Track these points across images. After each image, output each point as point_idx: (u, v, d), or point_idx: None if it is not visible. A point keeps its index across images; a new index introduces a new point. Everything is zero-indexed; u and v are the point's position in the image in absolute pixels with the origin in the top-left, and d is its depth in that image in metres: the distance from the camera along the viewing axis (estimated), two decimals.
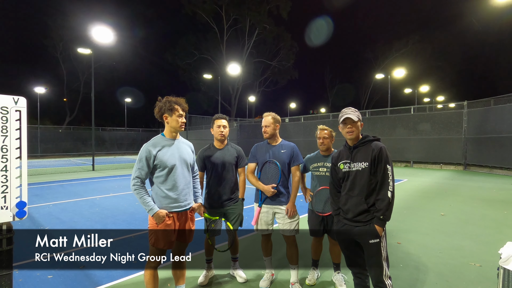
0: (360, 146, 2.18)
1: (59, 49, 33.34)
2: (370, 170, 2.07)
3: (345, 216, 2.16)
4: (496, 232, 4.49)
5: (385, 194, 2.01)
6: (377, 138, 2.18)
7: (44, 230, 4.95)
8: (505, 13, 28.09)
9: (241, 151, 3.07)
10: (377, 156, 2.06)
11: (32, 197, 7.65)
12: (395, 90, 36.00)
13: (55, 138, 28.46)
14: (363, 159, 2.11)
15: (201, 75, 31.93)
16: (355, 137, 2.19)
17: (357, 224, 2.09)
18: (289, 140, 2.98)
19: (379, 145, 2.11)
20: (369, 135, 2.21)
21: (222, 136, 2.92)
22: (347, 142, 2.26)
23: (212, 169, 2.90)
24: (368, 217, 2.06)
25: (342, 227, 2.19)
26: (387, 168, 2.03)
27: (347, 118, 2.16)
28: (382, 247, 2.04)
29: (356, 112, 2.20)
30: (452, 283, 2.92)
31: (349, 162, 2.18)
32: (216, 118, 2.94)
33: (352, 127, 2.16)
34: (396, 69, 28.65)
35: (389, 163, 2.06)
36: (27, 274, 3.18)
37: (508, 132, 11.28)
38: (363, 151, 2.14)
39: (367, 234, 2.04)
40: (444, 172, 12.90)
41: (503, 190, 8.11)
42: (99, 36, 14.80)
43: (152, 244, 2.26)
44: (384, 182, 2.03)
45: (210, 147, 2.99)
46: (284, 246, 3.78)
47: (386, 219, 2.02)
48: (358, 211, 2.08)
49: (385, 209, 2.00)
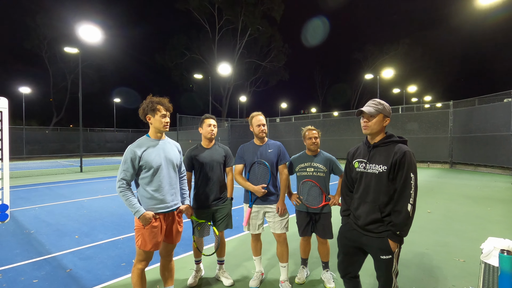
0: (381, 146, 1.88)
1: (43, 48, 32.55)
2: (388, 176, 1.79)
3: (356, 221, 1.93)
4: (479, 228, 4.63)
5: (404, 207, 1.72)
6: (404, 140, 1.88)
7: (30, 233, 4.86)
8: (489, 15, 28.95)
9: (228, 150, 3.08)
10: (399, 161, 1.76)
11: (17, 200, 7.45)
12: (384, 90, 36.61)
13: (42, 139, 27.77)
14: (382, 161, 1.83)
15: (192, 75, 31.70)
16: (373, 133, 1.89)
17: (368, 233, 1.86)
18: (280, 140, 3.01)
19: (404, 148, 1.79)
20: (395, 135, 1.91)
21: (212, 135, 2.93)
22: (367, 138, 1.97)
23: (200, 168, 2.89)
24: (380, 228, 1.81)
25: (350, 231, 1.98)
26: (409, 176, 1.73)
27: (361, 110, 1.90)
28: (394, 262, 1.81)
29: (379, 105, 1.88)
30: (437, 278, 3.00)
31: (365, 162, 1.91)
32: (206, 118, 2.96)
33: (368, 121, 1.88)
34: (385, 69, 29.12)
35: (413, 171, 1.75)
36: (11, 278, 3.10)
37: (491, 131, 11.62)
38: (383, 153, 1.85)
39: (379, 250, 1.82)
40: (431, 170, 13.19)
41: (487, 188, 8.36)
42: (86, 35, 14.50)
43: (138, 246, 2.24)
44: (405, 192, 1.73)
45: (197, 147, 2.99)
46: (273, 245, 3.81)
47: (404, 235, 1.76)
48: (370, 220, 1.84)
49: (403, 224, 1.73)
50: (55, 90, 35.41)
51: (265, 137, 2.93)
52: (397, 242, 1.78)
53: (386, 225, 1.81)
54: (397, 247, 1.80)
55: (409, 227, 1.77)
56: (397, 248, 1.81)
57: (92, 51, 29.15)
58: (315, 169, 2.89)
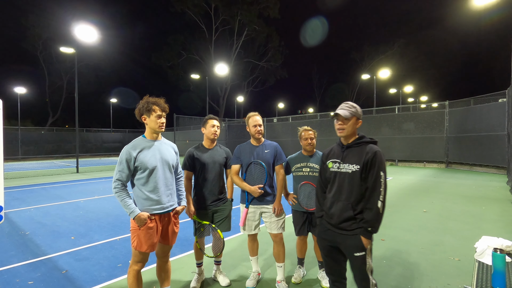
0: (354, 146, 1.97)
1: (38, 48, 32.28)
2: (361, 175, 1.88)
3: (329, 220, 2.00)
4: (474, 227, 4.67)
5: (375, 203, 1.82)
6: (374, 141, 1.98)
7: (25, 235, 4.83)
8: (484, 16, 29.23)
9: (229, 152, 3.09)
10: (370, 160, 1.86)
11: (12, 201, 7.39)
12: (381, 90, 36.78)
13: (37, 139, 27.51)
14: (354, 161, 1.91)
15: (189, 75, 31.61)
16: (347, 135, 1.98)
17: (341, 231, 1.93)
18: (277, 140, 3.02)
19: (375, 148, 1.90)
20: (366, 136, 2.01)
21: (215, 136, 2.93)
22: (341, 140, 2.06)
23: (201, 169, 2.88)
24: (353, 225, 1.89)
25: (325, 231, 2.04)
26: (380, 175, 1.83)
27: (336, 113, 1.98)
28: (368, 258, 1.89)
29: (352, 108, 1.98)
30: (432, 277, 3.02)
31: (339, 162, 1.99)
32: (210, 118, 2.95)
33: (343, 124, 1.96)
34: (381, 69, 29.26)
35: (383, 169, 1.85)
36: (6, 280, 3.08)
37: (486, 131, 11.73)
38: (356, 152, 1.94)
39: (352, 247, 1.89)
40: (428, 170, 13.28)
41: (482, 187, 8.44)
42: (82, 34, 14.41)
43: (134, 248, 2.23)
44: (375, 190, 1.83)
45: (199, 147, 2.98)
46: (269, 245, 3.81)
47: (374, 231, 1.84)
48: (344, 218, 1.91)
49: (374, 220, 1.82)
50: (51, 90, 35.13)
51: (262, 137, 2.94)
52: (369, 239, 1.86)
53: (358, 223, 1.89)
54: (369, 244, 1.88)
55: (379, 224, 1.85)
56: (369, 245, 1.88)
57: (89, 51, 28.96)
58: (311, 169, 2.90)
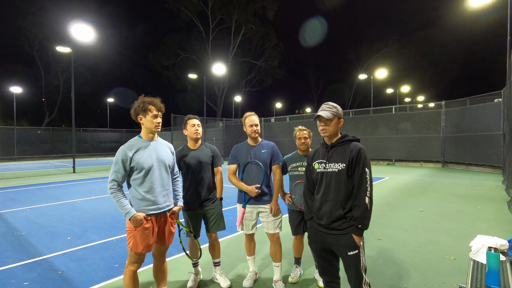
0: (338, 145, 1.99)
1: (34, 47, 32.04)
2: (347, 172, 1.89)
3: (319, 222, 1.98)
4: (470, 226, 4.71)
5: (362, 200, 1.83)
6: (357, 139, 2.01)
7: (21, 235, 4.80)
8: (480, 16, 29.44)
9: (216, 150, 3.06)
10: (355, 158, 1.88)
11: (7, 201, 7.34)
12: (378, 90, 36.95)
13: (33, 139, 27.32)
14: (340, 159, 1.93)
15: (186, 74, 31.53)
16: (331, 136, 2.00)
17: (332, 231, 1.92)
18: (275, 140, 3.02)
19: (358, 146, 1.93)
20: (349, 135, 2.03)
21: (197, 135, 2.90)
22: (324, 140, 2.07)
23: (188, 170, 2.87)
24: (344, 224, 1.89)
25: (315, 233, 2.02)
26: (365, 171, 1.86)
27: (318, 115, 1.98)
28: (361, 257, 1.88)
29: (333, 108, 1.99)
30: (428, 276, 3.04)
31: (324, 162, 1.99)
32: (189, 118, 2.93)
33: (326, 125, 1.97)
34: (378, 69, 29.37)
35: (368, 166, 1.88)
36: (2, 281, 3.06)
37: (482, 131, 11.82)
38: (340, 151, 1.96)
39: (345, 246, 1.87)
40: (424, 169, 13.36)
41: (477, 186, 8.50)
42: (79, 34, 14.33)
43: (130, 248, 2.22)
44: (361, 186, 1.85)
45: (184, 148, 2.96)
46: (266, 245, 3.82)
47: (364, 228, 1.84)
48: (334, 217, 1.90)
49: (363, 216, 1.83)
50: (47, 90, 34.90)
51: (259, 137, 2.94)
52: (359, 236, 1.86)
53: (348, 221, 1.89)
54: (361, 241, 1.89)
55: (369, 220, 1.85)
56: (361, 242, 1.89)
57: (85, 50, 28.80)
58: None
